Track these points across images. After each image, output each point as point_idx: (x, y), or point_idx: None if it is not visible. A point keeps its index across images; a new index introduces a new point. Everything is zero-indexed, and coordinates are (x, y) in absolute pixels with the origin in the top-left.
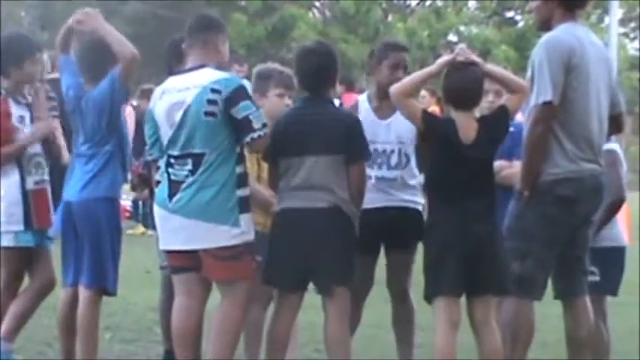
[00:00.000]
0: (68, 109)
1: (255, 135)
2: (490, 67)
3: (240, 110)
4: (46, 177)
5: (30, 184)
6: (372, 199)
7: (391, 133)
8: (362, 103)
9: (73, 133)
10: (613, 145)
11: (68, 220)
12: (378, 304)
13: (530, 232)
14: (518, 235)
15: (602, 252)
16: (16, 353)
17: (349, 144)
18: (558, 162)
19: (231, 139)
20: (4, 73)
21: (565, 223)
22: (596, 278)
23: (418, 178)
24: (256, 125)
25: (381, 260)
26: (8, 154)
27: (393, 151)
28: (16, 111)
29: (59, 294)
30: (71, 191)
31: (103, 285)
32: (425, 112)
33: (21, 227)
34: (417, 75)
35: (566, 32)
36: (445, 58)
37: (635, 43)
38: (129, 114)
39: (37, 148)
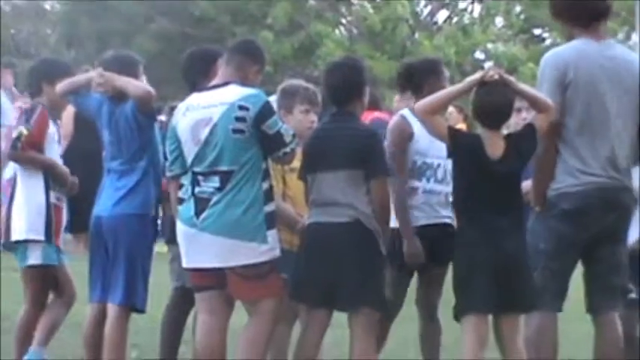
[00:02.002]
0: (101, 124)
1: (287, 149)
2: (522, 86)
3: (272, 126)
4: (64, 196)
5: (52, 198)
6: (417, 217)
7: (435, 148)
8: (410, 117)
9: (104, 149)
10: None
11: (98, 236)
12: (403, 322)
13: (538, 246)
14: (531, 249)
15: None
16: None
17: (367, 159)
18: (560, 177)
19: (259, 155)
20: (37, 90)
21: (571, 237)
22: (634, 296)
23: None
24: (287, 139)
25: None
26: (37, 162)
27: (439, 165)
28: (51, 125)
29: (83, 311)
30: (103, 206)
31: (133, 302)
32: (451, 129)
33: (42, 237)
34: (443, 93)
35: (569, 47)
36: (474, 76)
37: None
38: (67, 116)
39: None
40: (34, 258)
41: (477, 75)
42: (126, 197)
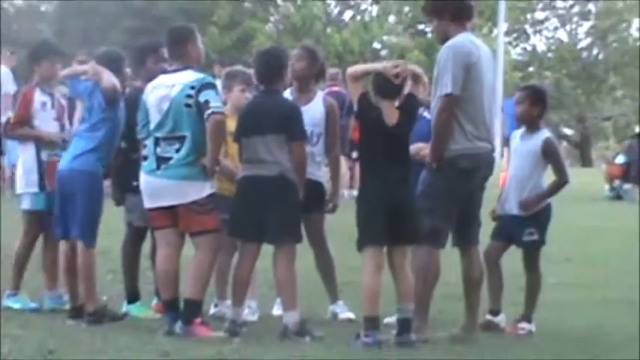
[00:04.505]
0: (84, 99)
1: (209, 111)
2: (412, 66)
3: (203, 96)
4: (60, 153)
5: (44, 155)
6: None
7: (306, 117)
8: (287, 95)
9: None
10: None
11: (60, 184)
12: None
13: (438, 195)
14: (428, 197)
15: (538, 215)
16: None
17: (289, 126)
18: (459, 140)
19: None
20: (30, 72)
21: (463, 189)
22: (535, 237)
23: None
24: (212, 104)
25: None
26: (25, 136)
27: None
28: (40, 97)
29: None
30: (64, 162)
31: (85, 239)
32: (362, 96)
33: (36, 189)
34: (366, 66)
35: (464, 38)
36: (385, 64)
37: (517, 49)
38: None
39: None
40: (25, 204)
41: (389, 67)
42: (82, 156)
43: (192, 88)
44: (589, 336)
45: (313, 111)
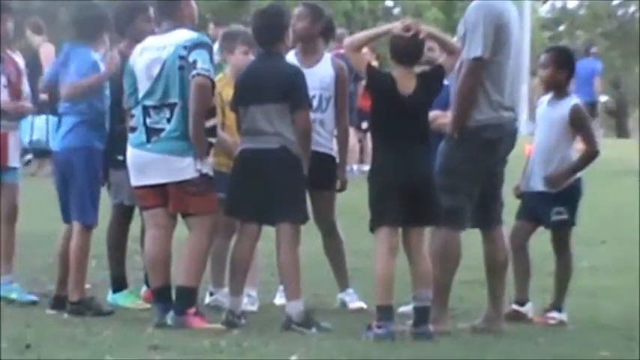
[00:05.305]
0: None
1: (194, 72)
2: (432, 29)
3: (193, 55)
4: (11, 123)
5: None
6: None
7: (314, 79)
8: (291, 57)
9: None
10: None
11: (56, 167)
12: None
13: (459, 170)
14: (448, 173)
15: (567, 192)
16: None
17: (291, 93)
18: (484, 110)
19: None
20: None
21: (486, 162)
22: (564, 217)
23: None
24: (200, 65)
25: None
26: None
27: (314, 96)
28: None
29: (54, 229)
30: (55, 142)
31: (84, 220)
32: (369, 66)
33: None
34: (367, 32)
35: None
36: (395, 25)
37: (546, 6)
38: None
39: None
40: None
41: (397, 26)
42: (71, 132)
43: (185, 48)
44: (625, 325)
45: (321, 73)
